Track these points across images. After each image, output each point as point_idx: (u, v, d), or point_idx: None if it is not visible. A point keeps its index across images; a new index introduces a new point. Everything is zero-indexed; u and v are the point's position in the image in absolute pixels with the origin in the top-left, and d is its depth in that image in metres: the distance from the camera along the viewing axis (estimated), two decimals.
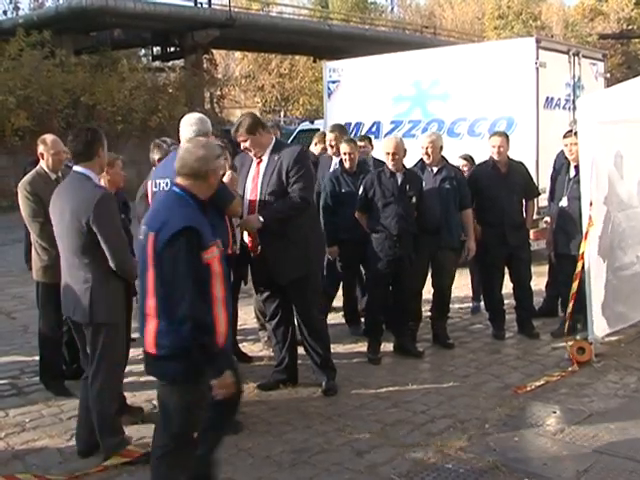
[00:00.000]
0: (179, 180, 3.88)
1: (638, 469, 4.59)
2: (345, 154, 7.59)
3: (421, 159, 7.36)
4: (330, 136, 8.20)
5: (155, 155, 6.30)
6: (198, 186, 3.88)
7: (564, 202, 7.31)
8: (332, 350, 7.19)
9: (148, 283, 3.75)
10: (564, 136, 7.53)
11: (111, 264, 4.65)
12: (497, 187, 7.43)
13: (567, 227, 7.27)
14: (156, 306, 3.71)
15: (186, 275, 3.60)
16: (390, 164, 6.87)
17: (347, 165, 7.59)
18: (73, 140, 4.81)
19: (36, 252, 6.02)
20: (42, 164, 6.18)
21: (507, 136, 7.66)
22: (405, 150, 6.93)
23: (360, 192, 6.96)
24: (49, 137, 6.10)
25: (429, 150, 7.22)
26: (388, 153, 6.85)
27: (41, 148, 6.14)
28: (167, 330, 3.67)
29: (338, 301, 8.45)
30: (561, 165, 7.76)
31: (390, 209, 6.80)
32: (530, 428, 5.27)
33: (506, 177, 7.47)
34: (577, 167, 7.14)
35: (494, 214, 7.42)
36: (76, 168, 4.78)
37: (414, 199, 6.91)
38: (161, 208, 3.89)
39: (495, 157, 7.48)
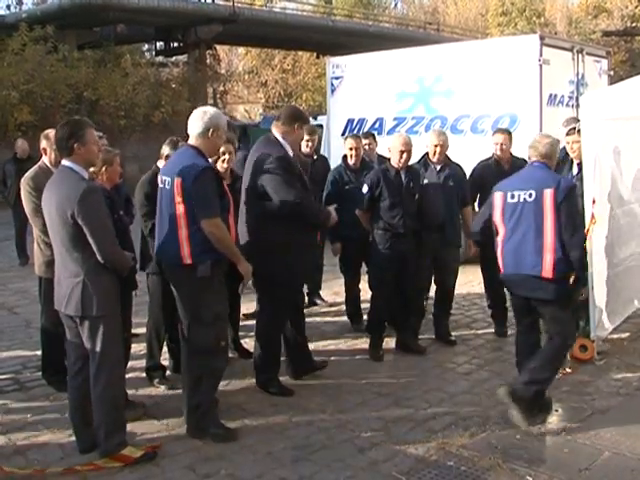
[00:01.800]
0: (536, 158, 5.57)
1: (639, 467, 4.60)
2: (351, 149, 7.55)
3: (424, 156, 7.34)
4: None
5: (165, 150, 6.24)
6: (549, 163, 5.57)
7: None
8: (334, 347, 7.24)
9: (545, 228, 5.28)
10: (566, 134, 7.52)
11: (98, 256, 4.63)
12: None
13: None
14: (554, 242, 5.24)
15: (578, 215, 5.54)
16: (400, 162, 6.81)
17: (352, 161, 7.54)
18: (55, 135, 4.87)
19: (39, 247, 6.02)
20: (44, 159, 6.17)
21: (510, 133, 7.65)
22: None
23: (365, 191, 6.90)
24: (52, 132, 6.07)
25: (438, 149, 7.17)
26: (402, 151, 6.78)
27: (44, 143, 6.13)
28: (562, 259, 5.26)
29: (340, 297, 8.47)
30: (561, 162, 7.76)
31: (398, 208, 6.76)
32: (532, 426, 5.26)
33: (509, 173, 7.44)
34: (580, 164, 7.13)
35: None
36: (63, 162, 4.80)
37: (417, 196, 6.91)
38: (538, 175, 5.48)
39: (498, 153, 7.47)
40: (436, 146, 7.19)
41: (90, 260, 4.64)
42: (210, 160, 5.37)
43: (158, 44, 32.72)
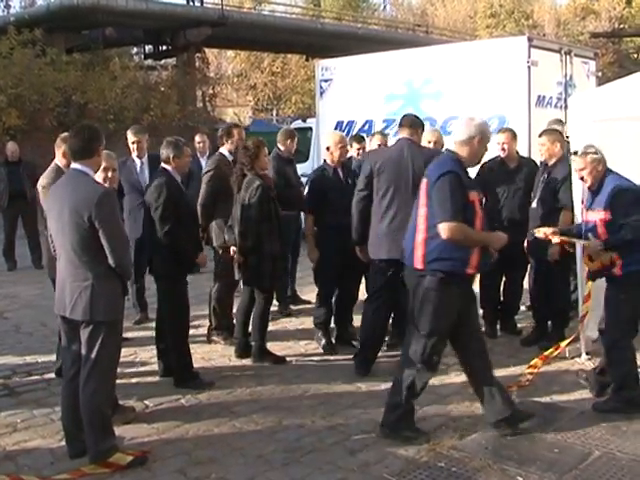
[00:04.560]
0: None
1: (629, 465, 4.62)
2: (379, 146, 7.62)
3: None
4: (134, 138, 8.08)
5: (168, 153, 6.25)
6: None
7: (534, 204, 7.31)
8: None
9: None
10: (539, 136, 7.54)
11: (110, 260, 4.62)
12: (503, 182, 7.41)
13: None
14: None
15: None
16: (341, 158, 7.16)
17: None
18: (73, 137, 4.79)
19: (46, 247, 5.98)
20: (57, 161, 6.19)
21: (512, 132, 7.61)
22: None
23: (307, 191, 7.24)
24: None
25: (432, 145, 7.26)
26: (343, 147, 7.16)
27: (65, 147, 6.12)
28: None
29: None
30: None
31: (340, 203, 6.94)
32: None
33: (513, 173, 7.44)
34: (546, 164, 7.22)
35: (498, 209, 7.39)
36: (74, 165, 4.76)
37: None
38: None
39: (501, 154, 7.47)
40: (432, 143, 7.24)
41: (100, 265, 4.64)
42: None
43: (147, 47, 32.63)
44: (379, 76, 12.23)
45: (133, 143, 7.89)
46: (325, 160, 7.35)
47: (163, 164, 6.28)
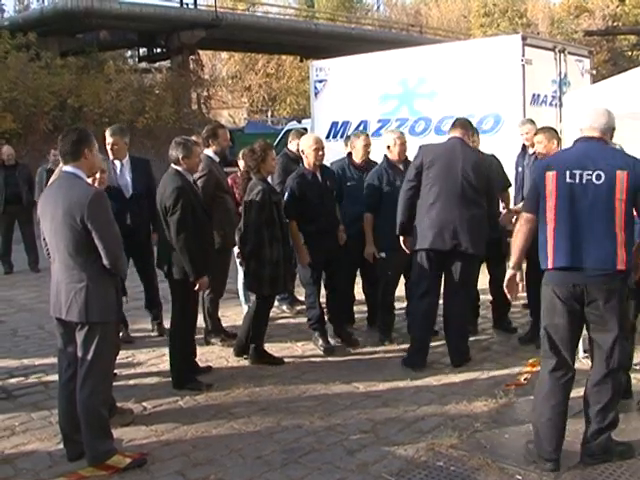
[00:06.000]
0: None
1: (627, 463, 4.63)
2: (366, 146, 7.63)
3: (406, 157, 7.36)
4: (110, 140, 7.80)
5: (177, 154, 6.11)
6: None
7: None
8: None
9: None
10: (535, 133, 7.55)
11: (104, 261, 4.62)
12: None
13: None
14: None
15: None
16: (317, 160, 7.05)
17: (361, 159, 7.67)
18: (61, 140, 4.79)
19: None
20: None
21: (477, 131, 7.64)
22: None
23: (286, 198, 7.01)
24: None
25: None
26: (317, 149, 7.02)
27: None
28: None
29: None
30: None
31: (321, 207, 6.99)
32: (521, 425, 5.26)
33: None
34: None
35: None
36: (65, 168, 4.76)
37: (335, 193, 7.27)
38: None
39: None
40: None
41: (94, 265, 4.64)
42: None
43: (141, 50, 32.70)
44: (373, 76, 12.24)
45: (107, 145, 7.73)
46: (302, 164, 7.28)
47: (173, 165, 6.15)
